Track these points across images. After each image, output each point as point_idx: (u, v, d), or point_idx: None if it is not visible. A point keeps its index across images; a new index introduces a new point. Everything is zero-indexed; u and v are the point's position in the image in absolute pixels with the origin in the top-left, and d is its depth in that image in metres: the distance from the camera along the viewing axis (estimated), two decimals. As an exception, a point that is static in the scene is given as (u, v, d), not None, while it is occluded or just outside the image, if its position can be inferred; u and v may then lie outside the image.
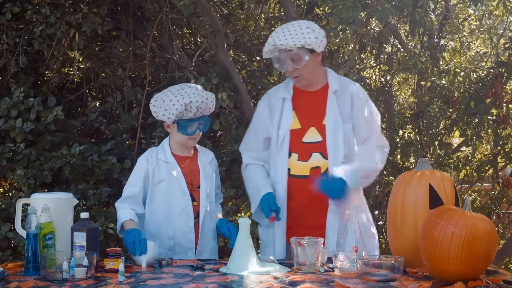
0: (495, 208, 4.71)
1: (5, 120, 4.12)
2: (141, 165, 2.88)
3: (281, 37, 2.72)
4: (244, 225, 2.41)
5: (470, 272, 2.02)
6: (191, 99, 2.75)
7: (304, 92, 2.87)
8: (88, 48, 4.65)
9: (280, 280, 2.15)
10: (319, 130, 2.80)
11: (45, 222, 2.39)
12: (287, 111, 2.85)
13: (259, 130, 2.94)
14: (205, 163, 2.94)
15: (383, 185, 4.95)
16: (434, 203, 2.29)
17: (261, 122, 2.93)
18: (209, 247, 2.88)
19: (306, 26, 2.75)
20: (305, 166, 2.79)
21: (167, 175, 2.84)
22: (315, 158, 2.78)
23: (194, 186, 2.88)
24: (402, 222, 2.35)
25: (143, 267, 2.41)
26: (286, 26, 2.79)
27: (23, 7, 4.32)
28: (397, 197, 2.40)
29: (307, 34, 2.71)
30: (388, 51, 4.90)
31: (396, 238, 2.40)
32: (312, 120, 2.82)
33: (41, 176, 4.11)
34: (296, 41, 2.69)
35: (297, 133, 2.82)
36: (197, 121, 2.82)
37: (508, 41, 4.54)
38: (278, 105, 2.88)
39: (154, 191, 2.86)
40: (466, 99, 4.35)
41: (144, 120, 4.53)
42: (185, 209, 2.83)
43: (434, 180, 2.35)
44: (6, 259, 3.98)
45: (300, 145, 2.81)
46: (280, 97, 2.88)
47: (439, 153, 4.60)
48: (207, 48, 4.57)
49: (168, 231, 2.82)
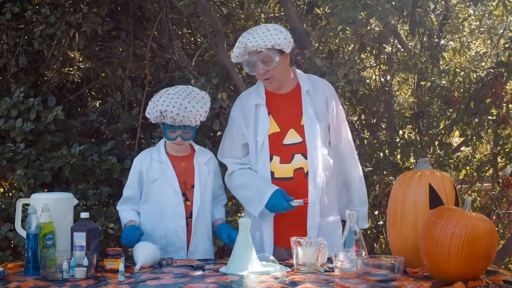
0: (495, 208, 4.70)
1: (5, 120, 4.12)
2: (135, 166, 2.94)
3: (251, 39, 2.74)
4: (244, 225, 2.41)
5: (470, 272, 2.02)
6: (167, 109, 2.74)
7: (277, 95, 2.89)
8: (88, 48, 4.65)
9: (280, 280, 2.15)
10: (298, 131, 2.83)
11: (45, 222, 2.39)
12: (263, 117, 2.86)
13: (235, 136, 2.94)
14: (201, 163, 2.93)
15: (383, 185, 4.95)
16: (434, 203, 2.29)
17: (237, 129, 2.93)
18: (202, 247, 2.87)
19: (274, 28, 2.79)
20: (288, 168, 2.81)
21: (160, 174, 2.86)
22: (297, 160, 2.81)
23: (188, 186, 2.88)
24: (402, 222, 2.35)
25: (136, 268, 2.40)
26: (254, 29, 2.82)
27: (23, 7, 4.32)
28: (397, 197, 2.40)
29: (276, 35, 2.74)
30: (388, 51, 4.90)
31: (396, 238, 2.40)
32: (290, 122, 2.85)
33: (41, 176, 4.11)
34: (266, 42, 2.72)
35: (277, 136, 2.83)
36: (180, 129, 2.81)
37: (508, 41, 4.53)
38: (251, 112, 2.89)
39: (149, 190, 2.89)
40: (466, 99, 4.35)
41: (144, 120, 4.52)
42: (177, 209, 2.84)
43: (434, 180, 2.35)
44: (6, 259, 3.98)
45: (281, 147, 2.83)
46: (253, 104, 2.89)
47: (439, 153, 4.60)
48: (207, 48, 4.57)
49: (161, 230, 2.83)
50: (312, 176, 2.78)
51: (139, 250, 2.49)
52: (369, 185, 4.90)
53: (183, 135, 2.82)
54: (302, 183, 2.79)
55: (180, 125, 2.78)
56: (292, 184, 2.79)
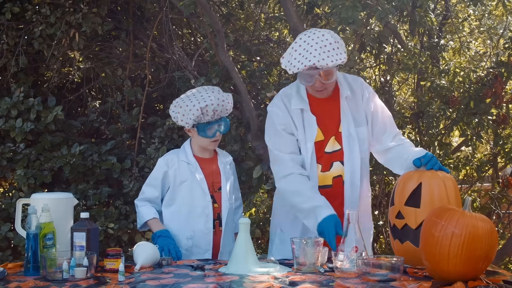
0: (495, 208, 4.71)
1: (5, 120, 4.12)
2: (160, 167, 2.94)
3: (318, 56, 2.56)
4: (244, 225, 2.41)
5: (470, 272, 2.02)
6: (207, 103, 2.79)
7: (318, 100, 2.78)
8: (88, 48, 4.65)
9: (280, 280, 2.15)
10: (337, 138, 2.77)
11: (45, 222, 2.39)
12: (310, 123, 2.75)
13: (285, 136, 2.76)
14: (225, 165, 2.97)
15: (383, 185, 4.95)
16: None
17: (285, 128, 2.77)
18: (228, 248, 2.86)
19: (334, 40, 2.62)
20: (327, 176, 2.75)
21: (189, 175, 2.89)
22: (336, 167, 2.75)
23: (215, 188, 2.91)
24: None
25: (136, 268, 2.40)
26: (313, 41, 2.60)
27: (23, 7, 4.32)
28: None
29: (338, 49, 2.60)
30: (388, 51, 4.90)
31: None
32: (331, 129, 2.77)
33: (41, 176, 4.11)
34: (334, 62, 2.57)
35: (321, 144, 2.76)
36: (216, 123, 2.86)
37: (508, 41, 4.54)
38: (297, 115, 2.76)
39: (176, 192, 2.91)
40: (466, 99, 4.35)
41: (144, 120, 4.53)
42: (205, 210, 2.86)
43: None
44: (6, 259, 3.98)
45: (323, 155, 2.76)
46: (296, 107, 2.76)
47: (439, 153, 4.60)
48: (207, 48, 4.57)
49: (187, 232, 2.85)
50: (349, 184, 2.73)
51: (139, 250, 2.49)
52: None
53: (219, 128, 2.88)
54: (340, 190, 2.74)
55: (216, 119, 2.84)
56: (331, 192, 2.72)
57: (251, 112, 4.15)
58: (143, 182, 4.16)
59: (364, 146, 2.78)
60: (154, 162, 4.11)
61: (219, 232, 2.89)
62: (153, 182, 2.95)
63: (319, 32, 2.66)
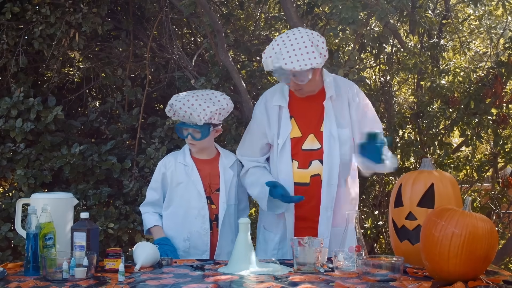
0: (495, 208, 4.70)
1: (5, 120, 4.12)
2: (159, 168, 2.98)
3: (287, 59, 2.61)
4: (244, 225, 2.41)
5: (470, 272, 2.02)
6: (174, 103, 2.84)
7: (300, 98, 2.84)
8: (88, 48, 4.65)
9: (280, 280, 2.15)
10: (317, 137, 2.80)
11: (45, 222, 2.39)
12: (285, 119, 2.82)
13: (256, 136, 2.92)
14: (226, 166, 2.95)
15: (383, 185, 4.95)
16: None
17: (259, 128, 2.90)
18: (226, 250, 2.86)
19: (311, 43, 2.64)
20: (305, 174, 2.79)
21: (185, 177, 2.89)
22: (315, 166, 2.78)
23: (213, 189, 2.90)
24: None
25: (136, 268, 2.40)
26: (289, 43, 2.66)
27: (23, 7, 4.31)
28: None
29: (312, 54, 2.61)
30: (388, 51, 4.89)
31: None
32: (311, 127, 2.81)
33: (41, 176, 4.11)
34: (302, 66, 2.60)
35: (297, 141, 2.80)
36: (191, 127, 2.85)
37: (508, 41, 4.53)
38: (275, 112, 2.85)
39: (173, 193, 2.92)
40: (466, 99, 4.35)
41: (144, 120, 4.53)
42: (201, 212, 2.86)
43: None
44: (6, 259, 3.98)
45: (300, 152, 2.80)
46: (276, 104, 2.85)
47: (439, 153, 4.60)
48: (207, 48, 4.57)
49: (184, 233, 2.86)
50: (326, 184, 2.75)
51: (139, 250, 2.49)
52: (369, 185, 4.91)
53: (193, 133, 2.86)
54: (318, 189, 2.76)
55: (190, 123, 2.83)
56: (309, 190, 2.76)
57: (251, 112, 4.13)
58: (143, 182, 4.19)
59: (345, 147, 2.79)
60: (154, 162, 4.11)
61: (217, 233, 2.89)
62: (154, 185, 2.97)
63: (299, 33, 2.69)
